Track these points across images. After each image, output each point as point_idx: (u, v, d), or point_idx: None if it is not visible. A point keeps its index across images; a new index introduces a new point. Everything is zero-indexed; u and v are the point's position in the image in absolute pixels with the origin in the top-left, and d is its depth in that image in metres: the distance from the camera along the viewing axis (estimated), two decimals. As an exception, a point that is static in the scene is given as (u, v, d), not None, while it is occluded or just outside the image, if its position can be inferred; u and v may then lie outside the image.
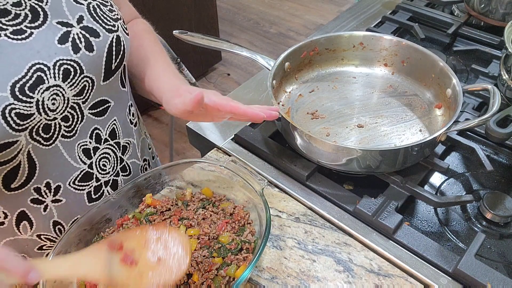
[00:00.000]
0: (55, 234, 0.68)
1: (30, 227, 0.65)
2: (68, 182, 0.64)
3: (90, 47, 0.59)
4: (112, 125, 0.68)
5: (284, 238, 0.65)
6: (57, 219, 0.66)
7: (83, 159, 0.65)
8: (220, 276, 0.56)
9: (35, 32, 0.55)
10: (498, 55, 0.96)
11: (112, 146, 0.69)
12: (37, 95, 0.54)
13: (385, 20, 1.12)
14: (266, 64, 0.80)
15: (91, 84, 0.61)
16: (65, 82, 0.57)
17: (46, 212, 0.65)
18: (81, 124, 0.63)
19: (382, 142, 0.75)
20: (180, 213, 0.65)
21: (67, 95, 0.58)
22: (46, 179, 0.62)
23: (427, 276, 0.59)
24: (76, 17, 0.59)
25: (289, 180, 0.73)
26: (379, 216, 0.64)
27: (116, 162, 0.71)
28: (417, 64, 0.84)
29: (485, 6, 1.02)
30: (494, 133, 0.63)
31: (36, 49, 0.54)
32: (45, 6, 0.57)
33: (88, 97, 0.62)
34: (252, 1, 3.50)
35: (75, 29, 0.58)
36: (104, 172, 0.69)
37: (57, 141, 0.60)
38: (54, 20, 0.57)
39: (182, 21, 2.34)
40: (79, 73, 0.58)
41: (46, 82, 0.55)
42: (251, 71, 2.79)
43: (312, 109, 0.82)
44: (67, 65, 0.57)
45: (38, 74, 0.54)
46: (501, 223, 0.66)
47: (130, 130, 0.74)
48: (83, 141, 0.64)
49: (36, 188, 0.61)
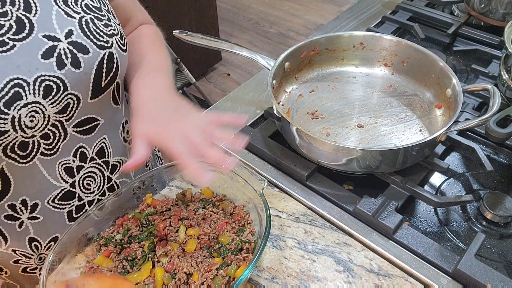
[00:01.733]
0: (30, 251, 0.66)
1: (4, 242, 0.63)
2: (47, 200, 0.62)
3: (77, 63, 0.56)
4: (100, 144, 0.65)
5: (284, 238, 0.65)
6: (34, 235, 0.64)
7: (65, 178, 0.62)
8: (220, 276, 0.56)
9: (18, 45, 0.52)
10: (498, 55, 0.96)
11: (99, 165, 0.66)
12: (13, 111, 0.51)
13: (385, 20, 1.12)
14: (266, 64, 0.80)
15: (76, 102, 0.58)
16: (46, 99, 0.54)
17: (21, 229, 0.62)
18: (64, 142, 0.60)
19: (382, 142, 0.75)
20: (180, 213, 0.65)
21: (48, 112, 0.55)
22: (22, 196, 0.59)
23: (427, 276, 0.59)
24: (65, 31, 0.56)
25: (289, 180, 0.73)
26: (379, 216, 0.64)
27: (103, 182, 0.68)
28: (417, 64, 0.84)
29: (485, 6, 1.02)
30: (494, 133, 0.62)
31: (16, 64, 0.51)
32: (32, 17, 0.54)
33: (72, 115, 0.59)
34: (252, 1, 3.50)
35: (62, 44, 0.55)
36: (88, 191, 0.66)
37: (35, 158, 0.58)
38: (40, 33, 0.54)
39: (182, 21, 2.34)
40: (62, 90, 0.55)
41: (24, 99, 0.52)
42: (251, 71, 2.79)
43: (312, 109, 0.82)
44: (49, 81, 0.54)
45: (16, 90, 0.51)
46: (501, 223, 0.66)
47: (123, 149, 0.71)
48: (65, 160, 0.61)
49: (10, 204, 0.59)
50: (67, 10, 0.57)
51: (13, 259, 0.66)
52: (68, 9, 0.57)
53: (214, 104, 0.90)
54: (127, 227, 0.63)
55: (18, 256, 0.66)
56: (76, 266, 0.61)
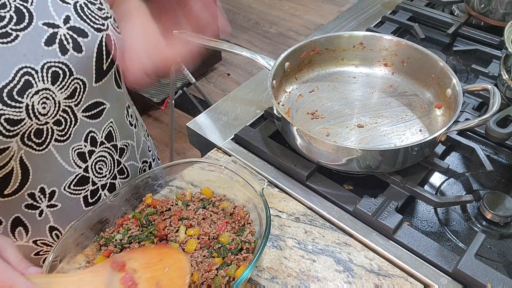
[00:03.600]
0: (51, 239, 0.67)
1: (25, 233, 0.64)
2: (63, 187, 0.63)
3: (79, 47, 0.58)
4: (108, 128, 0.67)
5: (284, 238, 0.65)
6: (54, 224, 0.65)
7: (78, 163, 0.64)
8: (220, 276, 0.56)
9: (21, 34, 0.53)
10: (498, 55, 0.96)
11: (109, 149, 0.68)
12: (26, 99, 0.53)
13: (385, 20, 1.12)
14: (266, 64, 0.80)
15: (83, 86, 0.60)
16: (54, 85, 0.56)
17: (41, 218, 0.64)
18: (75, 128, 0.61)
19: (382, 142, 0.75)
20: (180, 213, 0.65)
21: (58, 98, 0.57)
22: (40, 184, 0.60)
23: (427, 276, 0.59)
24: (63, 17, 0.57)
25: (289, 180, 0.73)
26: (379, 216, 0.64)
27: (113, 165, 0.70)
28: (417, 64, 0.84)
29: (485, 6, 1.02)
30: (494, 133, 0.62)
31: (23, 53, 0.53)
32: (30, 6, 0.55)
33: (80, 99, 0.60)
34: (252, 1, 3.50)
35: (62, 29, 0.57)
36: (100, 175, 0.68)
37: (50, 145, 0.59)
38: (40, 21, 0.55)
39: (182, 21, 2.34)
40: (68, 75, 0.57)
41: (35, 86, 0.53)
42: (251, 71, 2.79)
43: (312, 109, 0.82)
44: (55, 67, 0.55)
45: (26, 78, 0.53)
46: (501, 223, 0.66)
47: (129, 132, 0.73)
48: (77, 145, 0.63)
49: (30, 193, 0.60)
50: None
51: (34, 252, 0.67)
52: None
53: (214, 104, 0.90)
54: (127, 227, 0.63)
55: (40, 246, 0.67)
56: (76, 266, 0.61)
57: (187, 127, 0.85)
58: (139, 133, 0.79)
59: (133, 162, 0.75)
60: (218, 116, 0.86)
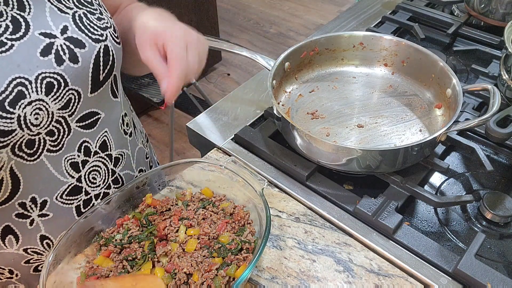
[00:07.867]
0: (42, 248, 0.66)
1: (16, 241, 0.63)
2: (55, 197, 0.62)
3: (75, 58, 0.57)
4: (103, 137, 0.66)
5: (284, 238, 0.65)
6: (45, 233, 0.64)
7: (71, 173, 0.63)
8: (220, 276, 0.56)
9: (16, 44, 0.52)
10: (498, 55, 0.96)
11: (103, 159, 0.67)
12: (18, 110, 0.51)
13: (385, 20, 1.12)
14: (266, 64, 0.80)
15: (77, 97, 0.59)
16: (48, 96, 0.54)
17: (32, 227, 0.63)
18: (68, 138, 0.60)
19: (382, 142, 0.75)
20: (180, 213, 0.65)
21: (51, 109, 0.56)
22: (31, 194, 0.60)
23: (427, 276, 0.59)
24: (60, 28, 0.56)
25: (289, 180, 0.73)
26: (379, 216, 0.64)
27: (107, 175, 0.69)
28: (417, 64, 0.84)
29: (485, 6, 1.02)
30: (494, 133, 0.63)
31: (17, 63, 0.52)
32: (27, 16, 0.54)
33: (74, 110, 0.59)
34: (252, 1, 3.50)
35: (58, 40, 0.56)
36: (94, 185, 0.67)
37: (42, 155, 0.58)
38: (36, 31, 0.54)
39: (182, 21, 2.33)
40: (63, 86, 0.56)
41: (28, 97, 0.52)
42: (251, 71, 2.79)
43: (312, 109, 0.82)
44: (50, 78, 0.54)
45: (19, 89, 0.51)
46: (501, 223, 0.66)
47: (124, 141, 0.71)
48: (70, 155, 0.62)
49: (21, 203, 0.59)
50: (60, 6, 0.58)
51: (24, 260, 0.66)
52: (61, 5, 0.58)
53: (214, 104, 0.90)
54: (127, 227, 0.63)
55: (30, 254, 0.66)
56: (76, 266, 0.61)
57: (187, 127, 0.85)
58: (136, 141, 0.77)
59: (129, 171, 0.74)
60: (218, 116, 0.86)
